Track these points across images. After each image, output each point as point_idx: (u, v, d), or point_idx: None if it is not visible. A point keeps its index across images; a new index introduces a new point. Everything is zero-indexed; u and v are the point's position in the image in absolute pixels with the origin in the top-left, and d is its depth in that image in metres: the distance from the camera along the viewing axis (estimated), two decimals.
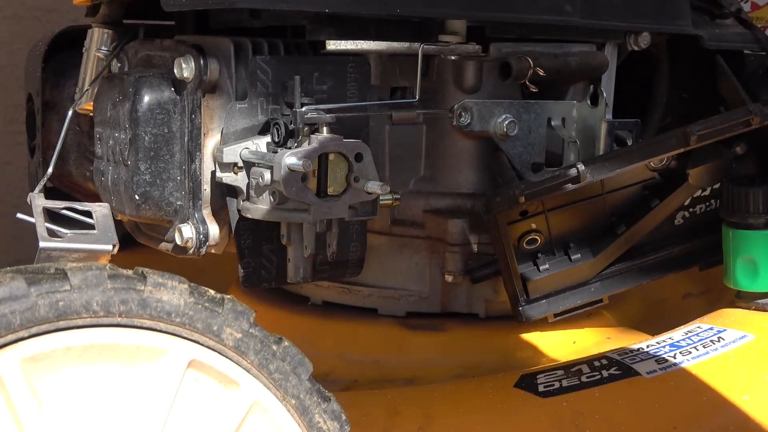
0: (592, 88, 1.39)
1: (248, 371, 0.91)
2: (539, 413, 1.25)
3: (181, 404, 0.88)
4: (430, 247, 1.44)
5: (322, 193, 1.07)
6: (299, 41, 1.19)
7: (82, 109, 1.29)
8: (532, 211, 1.38)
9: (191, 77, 1.11)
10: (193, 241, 1.15)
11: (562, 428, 1.23)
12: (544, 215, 1.39)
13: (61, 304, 0.83)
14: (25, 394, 0.82)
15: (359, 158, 1.08)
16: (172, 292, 0.88)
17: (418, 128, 1.38)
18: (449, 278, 1.42)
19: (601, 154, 1.36)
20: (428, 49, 1.21)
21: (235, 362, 0.90)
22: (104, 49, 1.29)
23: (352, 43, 1.17)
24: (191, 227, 1.15)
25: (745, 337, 1.37)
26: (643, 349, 1.36)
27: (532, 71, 1.29)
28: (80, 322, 0.84)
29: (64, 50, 1.43)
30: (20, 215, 1.10)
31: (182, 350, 0.88)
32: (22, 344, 0.82)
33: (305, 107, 1.08)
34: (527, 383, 1.29)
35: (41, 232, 1.03)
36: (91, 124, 1.28)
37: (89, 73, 1.30)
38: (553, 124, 1.38)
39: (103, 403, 0.85)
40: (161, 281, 0.88)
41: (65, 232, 1.04)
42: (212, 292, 0.91)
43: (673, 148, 1.37)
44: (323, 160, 1.07)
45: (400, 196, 1.29)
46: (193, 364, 0.89)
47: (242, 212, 1.13)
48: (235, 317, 0.91)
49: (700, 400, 1.27)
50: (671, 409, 1.26)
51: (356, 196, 1.09)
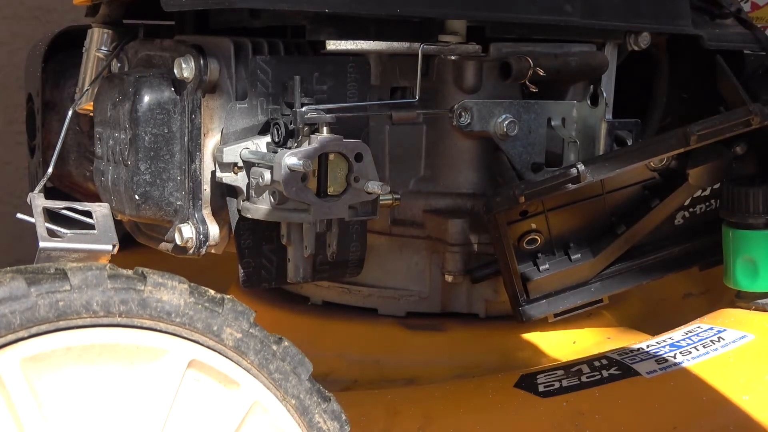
0: (592, 88, 1.39)
1: (248, 371, 0.91)
2: (539, 413, 1.25)
3: (181, 404, 0.88)
4: (430, 247, 1.44)
5: (322, 193, 1.07)
6: (299, 41, 1.19)
7: (82, 109, 1.29)
8: (532, 211, 1.38)
9: (191, 77, 1.11)
10: (193, 241, 1.15)
11: (562, 428, 1.23)
12: (544, 215, 1.39)
13: (61, 304, 0.83)
14: (25, 394, 0.82)
15: (359, 158, 1.08)
16: (172, 292, 0.88)
17: (418, 128, 1.38)
18: (449, 278, 1.42)
19: (601, 154, 1.36)
20: (428, 49, 1.21)
21: (235, 362, 0.90)
22: (104, 49, 1.29)
23: (352, 43, 1.17)
24: (191, 227, 1.15)
25: (745, 337, 1.37)
26: (643, 349, 1.35)
27: (532, 71, 1.29)
28: (80, 322, 0.84)
29: (64, 50, 1.43)
30: (20, 215, 1.10)
31: (182, 350, 0.88)
32: (22, 344, 0.82)
33: (305, 107, 1.08)
34: (527, 383, 1.29)
35: (41, 232, 1.03)
36: (91, 124, 1.28)
37: (89, 73, 1.30)
38: (553, 124, 1.38)
39: (103, 403, 0.85)
40: (161, 281, 0.88)
41: (65, 232, 1.04)
42: (212, 292, 0.91)
43: (673, 148, 1.37)
44: (323, 160, 1.06)
45: (400, 196, 1.29)
46: (193, 364, 0.89)
47: (242, 212, 1.13)
48: (235, 317, 0.91)
49: (700, 400, 1.27)
50: (671, 409, 1.26)
51: (356, 196, 1.09)
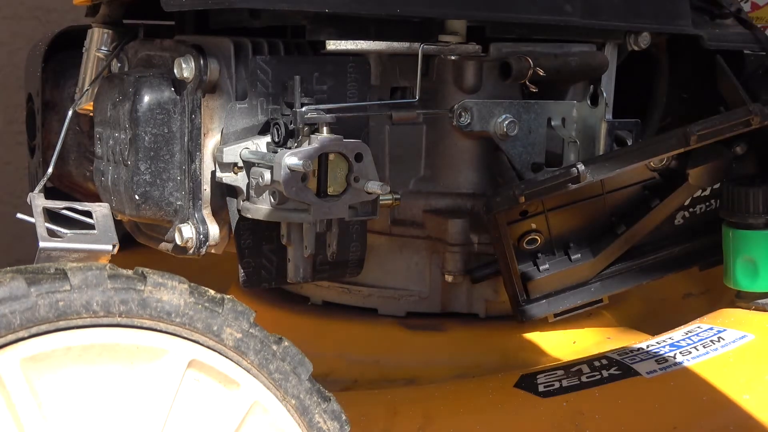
0: (592, 88, 1.39)
1: (248, 371, 0.91)
2: (539, 413, 1.25)
3: (181, 404, 0.88)
4: (430, 247, 1.44)
5: (322, 193, 1.07)
6: (299, 41, 1.19)
7: (82, 109, 1.29)
8: (532, 211, 1.38)
9: (191, 77, 1.11)
10: (193, 241, 1.15)
11: (562, 428, 1.23)
12: (544, 215, 1.39)
13: (61, 304, 0.83)
14: (25, 394, 0.82)
15: (359, 158, 1.08)
16: (172, 292, 0.88)
17: (418, 128, 1.38)
18: (449, 278, 1.42)
19: (601, 154, 1.36)
20: (428, 49, 1.21)
21: (235, 362, 0.90)
22: (104, 49, 1.29)
23: (352, 43, 1.17)
24: (191, 227, 1.15)
25: (745, 337, 1.37)
26: (643, 349, 1.35)
27: (532, 71, 1.29)
28: (80, 322, 0.84)
29: (64, 50, 1.43)
30: (20, 215, 1.10)
31: (182, 350, 0.88)
32: (22, 344, 0.82)
33: (305, 107, 1.08)
34: (527, 383, 1.29)
35: (41, 232, 1.03)
36: (91, 124, 1.28)
37: (89, 73, 1.30)
38: (553, 124, 1.38)
39: (103, 403, 0.85)
40: (161, 281, 0.88)
41: (65, 232, 1.04)
42: (212, 292, 0.91)
43: (673, 148, 1.37)
44: (323, 160, 1.06)
45: (400, 196, 1.29)
46: (193, 364, 0.89)
47: (242, 212, 1.13)
48: (235, 317, 0.91)
49: (700, 400, 1.27)
50: (671, 409, 1.26)
51: (356, 196, 1.09)
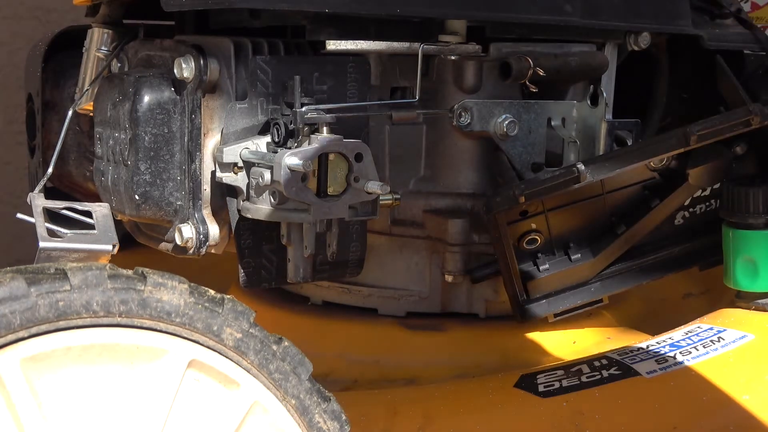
0: (592, 88, 1.39)
1: (248, 371, 0.91)
2: (539, 413, 1.25)
3: (181, 404, 0.88)
4: (430, 247, 1.44)
5: (322, 193, 1.07)
6: (299, 41, 1.19)
7: (82, 109, 1.29)
8: (532, 211, 1.38)
9: (191, 77, 1.11)
10: (193, 241, 1.15)
11: (562, 428, 1.23)
12: (544, 215, 1.39)
13: (61, 304, 0.83)
14: (25, 394, 0.82)
15: (359, 158, 1.08)
16: (172, 292, 0.88)
17: (418, 128, 1.38)
18: (449, 278, 1.42)
19: (601, 154, 1.36)
20: (428, 49, 1.21)
21: (235, 362, 0.90)
22: (104, 49, 1.29)
23: (352, 43, 1.17)
24: (191, 227, 1.15)
25: (745, 337, 1.37)
26: (643, 349, 1.35)
27: (532, 71, 1.29)
28: (80, 322, 0.84)
29: (64, 50, 1.43)
30: (20, 215, 1.10)
31: (182, 350, 0.88)
32: (22, 344, 0.82)
33: (305, 107, 1.08)
34: (527, 383, 1.29)
35: (41, 232, 1.03)
36: (91, 124, 1.28)
37: (89, 73, 1.30)
38: (553, 124, 1.38)
39: (103, 403, 0.85)
40: (161, 281, 0.88)
41: (65, 232, 1.04)
42: (212, 292, 0.91)
43: (673, 148, 1.37)
44: (323, 160, 1.06)
45: (400, 196, 1.28)
46: (193, 364, 0.89)
47: (242, 212, 1.13)
48: (235, 317, 0.91)
49: (700, 400, 1.27)
50: (671, 409, 1.26)
51: (356, 196, 1.09)
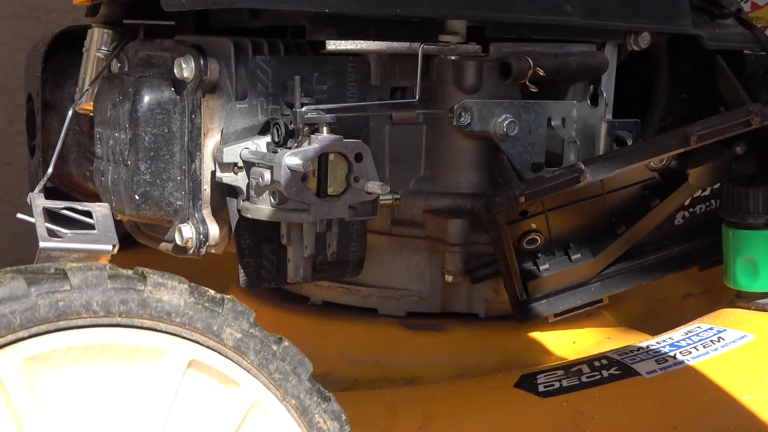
0: (592, 88, 1.39)
1: (248, 371, 0.91)
2: (539, 413, 1.25)
3: (181, 404, 0.88)
4: (430, 247, 1.44)
5: (322, 193, 1.07)
6: (299, 41, 1.19)
7: (82, 109, 1.29)
8: (532, 211, 1.38)
9: (191, 77, 1.11)
10: (193, 241, 1.15)
11: (562, 428, 1.23)
12: (544, 215, 1.39)
13: (61, 304, 0.83)
14: (25, 394, 0.82)
15: (359, 158, 1.08)
16: (172, 292, 0.88)
17: (418, 128, 1.38)
18: (449, 278, 1.42)
19: (601, 154, 1.36)
20: (428, 49, 1.21)
21: (235, 362, 0.90)
22: (104, 49, 1.29)
23: (352, 43, 1.17)
24: (191, 227, 1.15)
25: (745, 337, 1.37)
26: (643, 349, 1.35)
27: (532, 71, 1.29)
28: (80, 322, 0.84)
29: (64, 50, 1.43)
30: (20, 215, 1.10)
31: (182, 350, 0.88)
32: (22, 344, 0.82)
33: (305, 107, 1.08)
34: (527, 383, 1.29)
35: (41, 232, 1.03)
36: (91, 124, 1.28)
37: (89, 73, 1.30)
38: (553, 124, 1.38)
39: (103, 403, 0.85)
40: (161, 281, 0.88)
41: (65, 232, 1.04)
42: (212, 292, 0.91)
43: (673, 148, 1.37)
44: (323, 160, 1.06)
45: (400, 196, 1.29)
46: (193, 364, 0.89)
47: (242, 212, 1.13)
48: (235, 317, 0.91)
49: (700, 400, 1.27)
50: (671, 409, 1.26)
51: (356, 196, 1.09)
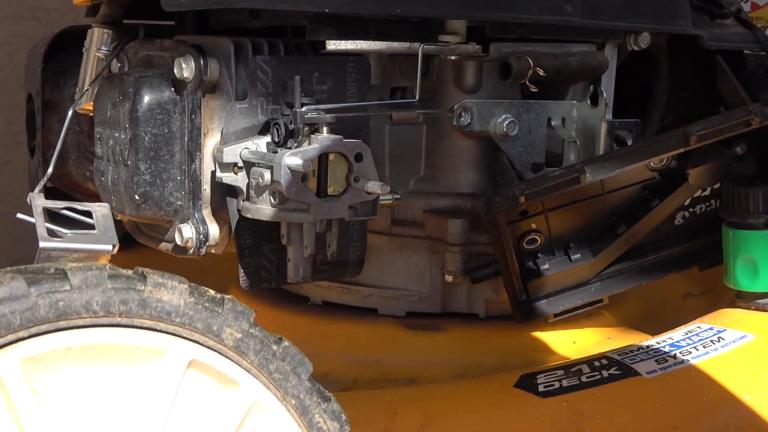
0: (592, 88, 1.39)
1: (248, 371, 0.91)
2: (539, 413, 1.25)
3: (181, 404, 0.88)
4: (430, 247, 1.44)
5: (322, 193, 1.07)
6: (299, 41, 1.19)
7: (82, 109, 1.29)
8: (532, 211, 1.38)
9: (191, 77, 1.11)
10: (193, 241, 1.15)
11: (562, 428, 1.23)
12: (544, 215, 1.39)
13: (61, 304, 0.83)
14: (25, 394, 0.82)
15: (359, 158, 1.08)
16: (172, 292, 0.88)
17: (418, 128, 1.38)
18: (449, 278, 1.42)
19: (601, 154, 1.36)
20: (428, 49, 1.21)
21: (235, 362, 0.90)
22: (104, 49, 1.29)
23: (352, 43, 1.17)
24: (191, 227, 1.15)
25: (745, 337, 1.37)
26: (643, 349, 1.35)
27: (532, 71, 1.29)
28: (80, 322, 0.84)
29: (64, 50, 1.43)
30: (20, 215, 1.10)
31: (182, 350, 0.88)
32: (22, 344, 0.82)
33: (305, 107, 1.08)
34: (527, 383, 1.29)
35: (41, 232, 1.03)
36: (91, 124, 1.28)
37: (89, 73, 1.30)
38: (553, 124, 1.38)
39: (103, 403, 0.85)
40: (161, 281, 0.88)
41: (65, 232, 1.04)
42: (212, 292, 0.91)
43: (673, 148, 1.36)
44: (323, 160, 1.06)
45: (400, 196, 1.29)
46: (193, 364, 0.89)
47: (242, 212, 1.13)
48: (235, 317, 0.91)
49: (700, 400, 1.27)
50: (671, 409, 1.26)
51: (356, 196, 1.09)
